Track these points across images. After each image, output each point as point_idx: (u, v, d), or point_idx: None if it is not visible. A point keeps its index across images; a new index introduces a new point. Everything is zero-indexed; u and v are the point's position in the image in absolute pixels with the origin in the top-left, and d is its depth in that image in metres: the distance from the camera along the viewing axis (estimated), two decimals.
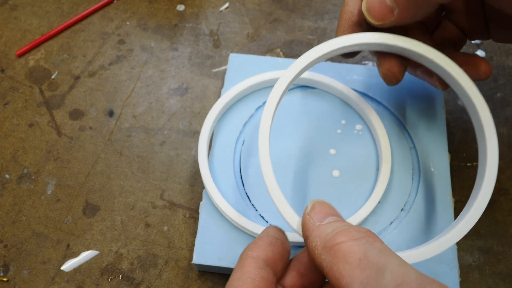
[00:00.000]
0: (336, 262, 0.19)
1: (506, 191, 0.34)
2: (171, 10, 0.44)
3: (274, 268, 0.22)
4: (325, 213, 0.22)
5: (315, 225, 0.22)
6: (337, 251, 0.20)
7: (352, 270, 0.19)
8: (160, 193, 0.35)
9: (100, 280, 0.32)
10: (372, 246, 0.19)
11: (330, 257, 0.20)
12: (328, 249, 0.20)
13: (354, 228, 0.21)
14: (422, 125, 0.35)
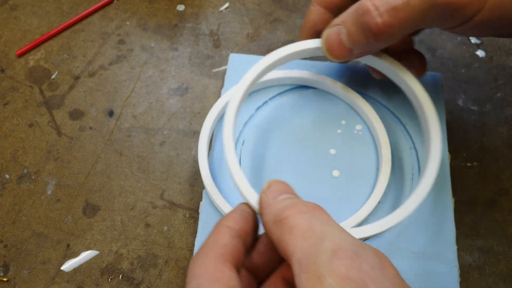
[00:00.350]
0: (283, 234, 0.21)
1: (506, 191, 0.34)
2: (171, 10, 0.44)
3: (244, 239, 0.24)
4: (279, 191, 0.24)
5: (269, 202, 0.23)
6: (284, 224, 0.21)
7: (297, 240, 0.20)
8: (160, 193, 0.35)
9: (100, 280, 0.32)
10: (316, 218, 0.21)
11: (279, 230, 0.21)
12: (277, 222, 0.22)
13: (302, 203, 0.22)
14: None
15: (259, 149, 0.34)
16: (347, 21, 0.28)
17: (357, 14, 0.27)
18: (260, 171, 0.33)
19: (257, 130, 0.35)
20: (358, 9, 0.27)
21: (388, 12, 0.25)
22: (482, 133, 0.37)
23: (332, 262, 0.19)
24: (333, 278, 0.18)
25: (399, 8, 0.25)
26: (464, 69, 0.40)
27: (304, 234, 0.20)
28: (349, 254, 0.19)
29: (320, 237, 0.20)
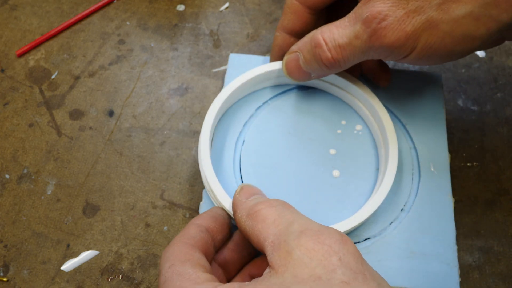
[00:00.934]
0: (256, 224, 0.24)
1: (506, 191, 0.34)
2: (171, 10, 0.44)
3: (212, 235, 0.27)
4: (251, 193, 0.27)
5: (242, 201, 0.26)
6: (257, 215, 0.24)
7: (268, 227, 0.23)
8: (160, 193, 0.35)
9: (100, 280, 0.32)
10: (285, 209, 0.25)
11: (251, 221, 0.24)
12: (250, 216, 0.25)
13: (272, 199, 0.26)
14: (422, 125, 0.35)
15: (259, 149, 0.34)
16: (303, 49, 0.31)
17: (310, 45, 0.30)
18: (260, 171, 0.33)
19: (257, 130, 0.35)
20: (311, 40, 0.30)
21: (335, 49, 0.29)
22: (482, 133, 0.37)
23: (300, 238, 0.22)
24: (301, 250, 0.21)
25: (344, 47, 0.29)
26: (464, 69, 0.40)
27: (275, 221, 0.24)
28: (315, 233, 0.22)
29: (289, 222, 0.23)
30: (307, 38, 0.31)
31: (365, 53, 0.29)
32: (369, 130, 0.35)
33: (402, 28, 0.27)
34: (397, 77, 0.37)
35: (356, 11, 0.28)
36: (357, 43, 0.28)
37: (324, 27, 0.30)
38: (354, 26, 0.28)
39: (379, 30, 0.27)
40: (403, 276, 0.30)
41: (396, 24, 0.26)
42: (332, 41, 0.29)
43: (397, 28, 0.27)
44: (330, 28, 0.29)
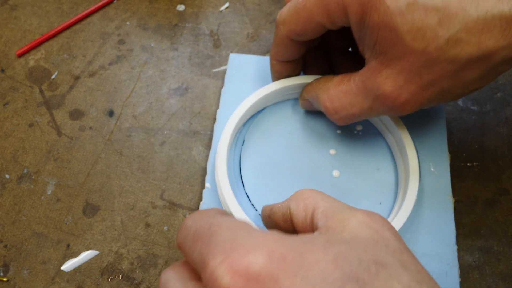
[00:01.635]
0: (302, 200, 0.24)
1: (506, 191, 0.34)
2: (171, 10, 0.44)
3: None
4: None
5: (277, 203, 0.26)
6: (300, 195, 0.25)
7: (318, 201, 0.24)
8: (160, 193, 0.35)
9: (100, 280, 0.32)
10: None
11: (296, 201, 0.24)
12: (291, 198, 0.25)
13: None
14: (422, 125, 0.35)
15: (259, 149, 0.34)
16: (314, 101, 0.32)
17: (320, 106, 0.31)
18: (260, 171, 0.33)
19: (257, 130, 0.35)
20: (320, 104, 0.31)
21: (348, 117, 0.30)
22: (482, 133, 0.37)
23: (354, 211, 0.22)
24: (358, 219, 0.21)
25: (357, 115, 0.29)
26: None
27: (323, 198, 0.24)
28: (366, 210, 0.22)
29: (336, 200, 0.24)
30: (316, 96, 0.31)
31: (367, 115, 0.30)
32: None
33: (417, 101, 0.27)
34: None
35: (365, 82, 0.28)
36: (371, 112, 0.29)
37: (331, 90, 0.30)
38: (366, 98, 0.28)
39: (394, 106, 0.27)
40: None
41: (411, 98, 0.27)
42: (343, 110, 0.29)
43: (412, 102, 0.27)
44: (339, 96, 0.29)
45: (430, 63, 0.25)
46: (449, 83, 0.26)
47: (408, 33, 0.25)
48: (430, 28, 0.24)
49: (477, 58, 0.25)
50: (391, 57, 0.26)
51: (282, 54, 0.32)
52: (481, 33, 0.24)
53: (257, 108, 0.35)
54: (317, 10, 0.28)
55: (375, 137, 0.35)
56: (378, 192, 0.33)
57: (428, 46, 0.24)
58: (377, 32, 0.26)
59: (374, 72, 0.27)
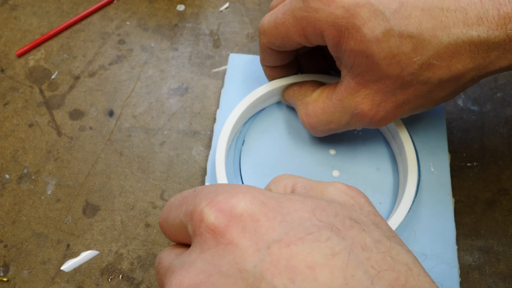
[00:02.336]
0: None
1: (506, 191, 0.34)
2: (171, 10, 0.44)
3: None
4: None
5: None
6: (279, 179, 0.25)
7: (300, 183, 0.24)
8: (160, 193, 0.35)
9: (100, 280, 0.32)
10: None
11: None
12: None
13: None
14: (422, 125, 0.35)
15: (259, 149, 0.34)
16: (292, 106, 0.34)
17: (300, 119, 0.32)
18: (260, 171, 0.33)
19: (257, 130, 0.35)
20: (299, 115, 0.32)
21: (326, 131, 0.31)
22: (482, 133, 0.37)
23: (332, 183, 0.23)
24: (336, 188, 0.22)
25: (334, 129, 0.31)
26: None
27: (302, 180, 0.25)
28: (343, 183, 0.23)
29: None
30: (294, 106, 0.33)
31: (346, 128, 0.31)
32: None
33: (392, 116, 0.29)
34: None
35: (343, 100, 0.29)
36: (350, 127, 0.31)
37: (309, 106, 0.31)
38: (344, 115, 0.29)
39: (372, 122, 0.29)
40: None
41: (387, 115, 0.29)
42: (321, 125, 0.31)
43: (388, 118, 0.29)
44: (316, 111, 0.30)
45: (405, 85, 0.27)
46: (421, 101, 0.28)
47: (384, 60, 0.26)
48: (405, 54, 0.25)
49: (447, 79, 0.26)
50: (367, 80, 0.27)
51: (268, 61, 0.33)
52: (452, 58, 0.25)
53: (257, 108, 0.35)
54: (294, 30, 0.28)
55: (375, 137, 0.35)
56: (378, 192, 0.33)
57: (403, 71, 0.26)
58: (353, 57, 0.27)
59: (351, 92, 0.28)
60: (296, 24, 0.28)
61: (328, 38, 0.27)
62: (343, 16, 0.26)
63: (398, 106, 0.28)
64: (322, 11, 0.26)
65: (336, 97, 0.29)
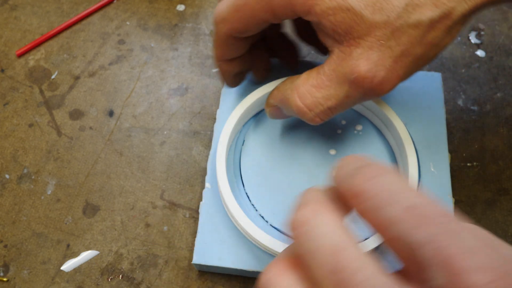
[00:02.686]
0: None
1: (506, 191, 0.34)
2: (171, 10, 0.44)
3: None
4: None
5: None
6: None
7: None
8: (160, 193, 0.35)
9: (100, 280, 0.32)
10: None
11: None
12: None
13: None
14: (422, 125, 0.35)
15: (259, 149, 0.34)
16: (282, 105, 0.30)
17: (288, 104, 0.29)
18: (260, 171, 0.33)
19: (257, 130, 0.35)
20: (289, 103, 0.28)
21: (324, 112, 0.27)
22: (482, 133, 0.37)
23: None
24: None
25: (334, 108, 0.27)
26: (464, 69, 0.40)
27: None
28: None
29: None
30: (284, 98, 0.29)
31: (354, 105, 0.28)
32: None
33: (395, 76, 0.26)
34: None
35: (336, 69, 0.26)
36: (349, 101, 0.27)
37: (301, 88, 0.27)
38: (341, 87, 0.26)
39: (373, 87, 0.26)
40: None
41: (388, 75, 0.26)
42: (318, 106, 0.27)
43: (391, 78, 0.26)
44: (310, 91, 0.27)
45: (396, 33, 0.25)
46: (420, 49, 0.26)
47: (365, 9, 0.24)
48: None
49: (438, 17, 0.25)
50: (356, 37, 0.25)
51: (227, 53, 0.30)
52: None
53: (258, 108, 0.35)
54: (259, 7, 0.26)
55: (375, 137, 0.35)
56: None
57: (389, 17, 0.24)
58: (333, 16, 0.25)
59: (343, 57, 0.26)
60: (261, 0, 0.26)
61: (299, 4, 0.25)
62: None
63: (397, 60, 0.26)
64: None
65: (328, 69, 0.26)
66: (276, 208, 0.32)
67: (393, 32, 0.25)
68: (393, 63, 0.25)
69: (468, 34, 0.42)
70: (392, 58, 0.25)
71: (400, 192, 0.16)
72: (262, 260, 0.30)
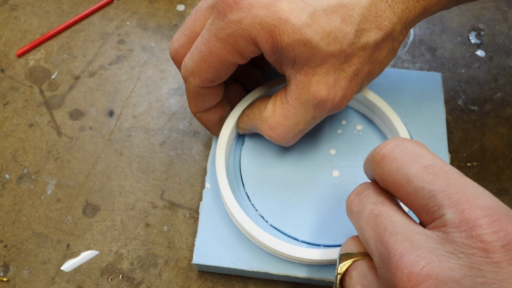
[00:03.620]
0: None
1: (506, 191, 0.34)
2: (171, 10, 0.44)
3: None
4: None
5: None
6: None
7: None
8: (160, 193, 0.35)
9: (100, 280, 0.32)
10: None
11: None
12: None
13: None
14: (422, 125, 0.35)
15: (259, 149, 0.34)
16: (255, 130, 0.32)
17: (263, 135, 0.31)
18: (260, 171, 0.33)
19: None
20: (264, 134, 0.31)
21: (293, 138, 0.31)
22: (482, 133, 0.37)
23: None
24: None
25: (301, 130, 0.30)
26: (464, 69, 0.40)
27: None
28: None
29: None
30: (255, 127, 0.32)
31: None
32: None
33: (350, 92, 0.29)
34: (397, 77, 0.37)
35: (299, 98, 0.28)
36: (316, 120, 0.30)
37: (270, 119, 0.30)
38: (306, 111, 0.29)
39: (334, 106, 0.29)
40: None
41: (346, 92, 0.28)
42: (289, 132, 0.30)
43: (347, 95, 0.29)
44: (278, 121, 0.30)
45: (348, 57, 0.27)
46: (368, 67, 0.29)
47: (321, 41, 0.26)
48: (337, 28, 0.26)
49: (382, 39, 0.27)
50: (313, 66, 0.27)
51: (203, 104, 0.31)
52: (377, 17, 0.27)
53: None
54: (225, 52, 0.27)
55: (375, 137, 0.35)
56: None
57: (342, 44, 0.26)
58: (292, 50, 0.26)
59: (304, 86, 0.28)
60: (224, 45, 0.27)
61: (262, 42, 0.26)
62: (267, 15, 0.25)
63: (351, 79, 0.28)
64: (246, 18, 0.26)
65: (291, 97, 0.29)
66: (276, 208, 0.32)
67: (345, 58, 0.27)
68: (348, 82, 0.28)
69: (468, 34, 0.42)
70: (346, 78, 0.28)
71: (419, 154, 0.22)
72: (262, 260, 0.30)
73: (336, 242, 0.31)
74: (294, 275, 0.30)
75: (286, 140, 0.31)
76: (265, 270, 0.30)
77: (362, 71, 0.28)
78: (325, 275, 0.30)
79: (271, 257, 0.30)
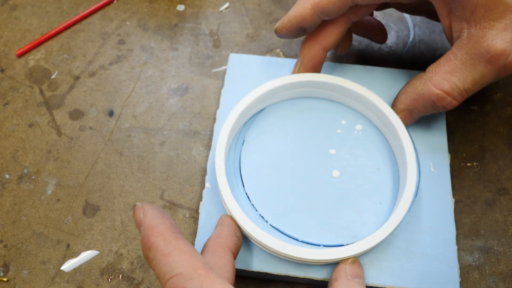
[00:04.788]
0: None
1: (506, 191, 0.34)
2: (171, 10, 0.44)
3: (233, 252, 0.27)
4: (357, 275, 0.28)
5: (348, 277, 0.27)
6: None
7: None
8: (160, 193, 0.35)
9: (100, 280, 0.32)
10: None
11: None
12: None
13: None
14: (422, 125, 0.35)
15: (259, 149, 0.34)
16: (417, 105, 0.32)
17: (428, 101, 0.30)
18: (260, 171, 0.33)
19: (257, 130, 0.35)
20: (429, 97, 0.30)
21: (461, 94, 0.29)
22: (482, 133, 0.37)
23: None
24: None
25: (470, 89, 0.29)
26: None
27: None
28: None
29: None
30: (417, 95, 0.31)
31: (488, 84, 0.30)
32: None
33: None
34: (397, 77, 0.37)
35: (470, 52, 0.27)
36: (484, 81, 0.28)
37: (434, 78, 0.29)
38: (475, 68, 0.28)
39: (507, 64, 0.27)
40: (403, 276, 0.30)
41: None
42: (455, 89, 0.29)
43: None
44: (445, 78, 0.29)
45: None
46: None
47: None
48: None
49: None
50: (492, 19, 0.26)
51: (326, 40, 0.32)
52: None
53: (257, 108, 0.35)
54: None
55: (375, 137, 0.35)
56: (378, 192, 0.33)
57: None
58: (475, 1, 0.26)
59: (477, 39, 0.27)
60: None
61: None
62: None
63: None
64: None
65: (461, 52, 0.28)
66: (276, 208, 0.32)
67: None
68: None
69: None
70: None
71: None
72: (262, 260, 0.30)
73: (336, 242, 0.31)
74: (294, 275, 0.30)
75: (451, 97, 0.29)
76: (265, 270, 0.30)
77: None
78: (325, 275, 0.30)
79: (271, 257, 0.30)
